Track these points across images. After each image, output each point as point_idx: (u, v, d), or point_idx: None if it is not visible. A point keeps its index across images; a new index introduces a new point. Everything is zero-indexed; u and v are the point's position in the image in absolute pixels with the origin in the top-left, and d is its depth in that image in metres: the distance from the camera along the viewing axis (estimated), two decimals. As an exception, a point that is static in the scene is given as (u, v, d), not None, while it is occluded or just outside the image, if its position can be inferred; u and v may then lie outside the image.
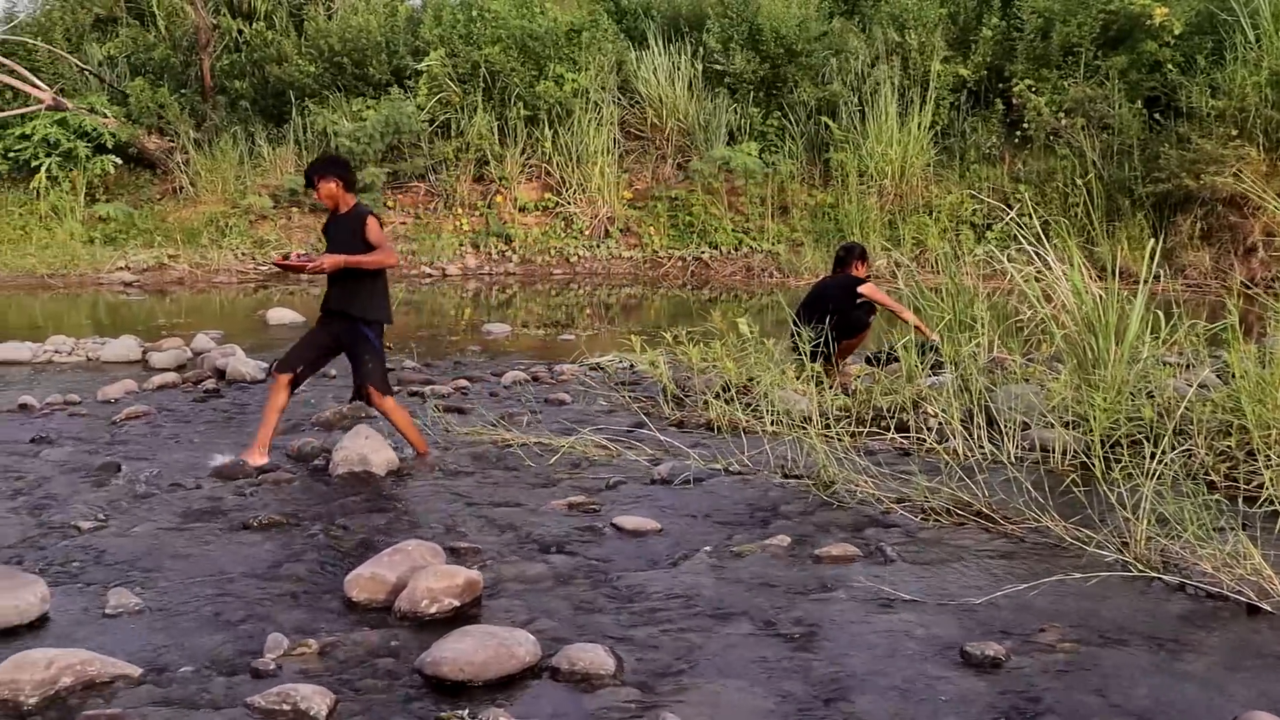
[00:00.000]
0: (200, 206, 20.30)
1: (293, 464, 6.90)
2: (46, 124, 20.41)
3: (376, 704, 3.73)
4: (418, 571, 4.53)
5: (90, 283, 18.38)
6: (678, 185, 19.30)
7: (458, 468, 6.74)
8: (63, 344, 11.54)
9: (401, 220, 19.85)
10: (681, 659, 4.05)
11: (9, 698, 3.74)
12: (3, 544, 5.47)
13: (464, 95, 19.89)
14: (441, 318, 14.28)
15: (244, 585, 4.84)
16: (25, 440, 7.73)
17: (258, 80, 21.51)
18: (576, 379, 9.37)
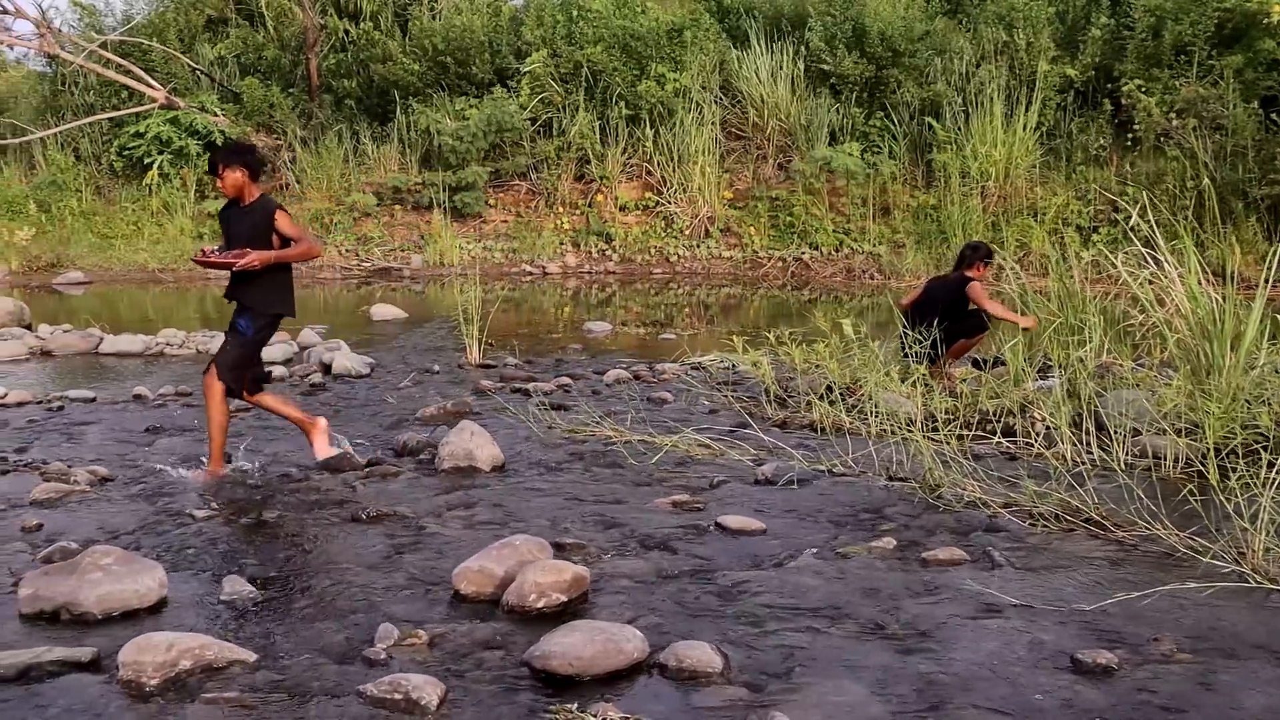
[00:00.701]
0: (306, 203, 20.62)
1: (398, 459, 6.99)
2: (159, 122, 20.87)
3: (485, 695, 3.77)
4: (525, 566, 4.56)
5: (199, 278, 18.75)
6: (779, 185, 19.24)
7: (561, 465, 6.78)
8: (174, 337, 11.81)
9: (503, 218, 20.00)
10: (788, 659, 4.03)
11: (132, 678, 3.84)
12: (122, 530, 5.61)
13: (566, 95, 20.00)
14: (542, 316, 14.38)
15: (354, 575, 4.92)
16: (140, 430, 7.94)
17: (363, 79, 21.80)
18: (678, 378, 9.38)
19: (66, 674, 3.95)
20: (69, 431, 7.96)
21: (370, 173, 20.76)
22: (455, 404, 8.26)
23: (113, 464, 6.94)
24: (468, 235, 19.62)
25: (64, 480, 6.47)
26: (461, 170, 19.51)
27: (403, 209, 20.24)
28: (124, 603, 4.49)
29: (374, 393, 9.06)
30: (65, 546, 5.24)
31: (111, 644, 4.16)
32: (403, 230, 19.89)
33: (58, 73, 23.66)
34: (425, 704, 3.63)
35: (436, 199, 19.53)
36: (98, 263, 19.50)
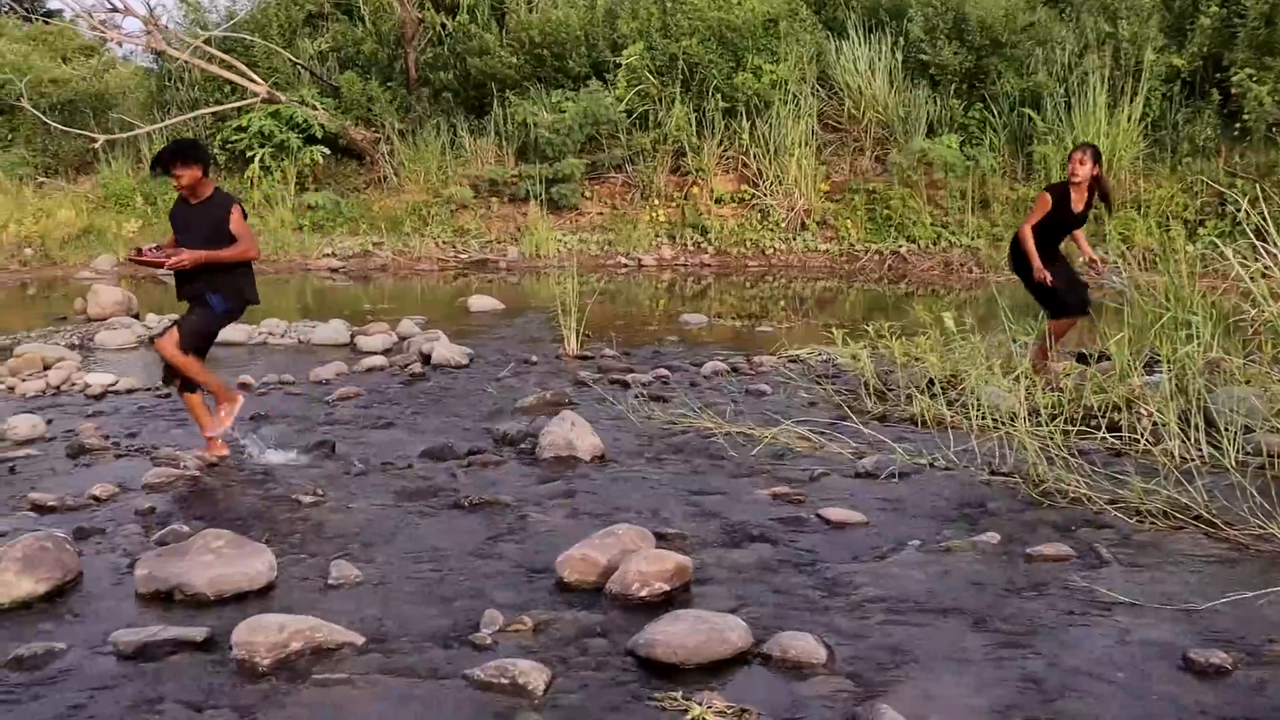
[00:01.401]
0: (403, 196, 20.83)
1: (499, 448, 7.04)
2: (261, 116, 21.21)
3: (590, 682, 3.79)
4: (628, 555, 4.58)
5: (299, 268, 19.04)
6: (876, 178, 19.06)
7: (661, 455, 6.79)
8: (276, 327, 12.01)
9: (599, 211, 20.05)
10: (892, 652, 4.01)
11: (245, 658, 3.92)
12: (232, 514, 5.73)
13: (662, 87, 19.98)
14: (637, 308, 14.40)
15: (458, 562, 4.97)
16: (246, 417, 8.06)
17: (460, 72, 21.95)
18: (776, 370, 9.34)
19: (181, 652, 4.05)
20: (177, 418, 8.12)
21: (467, 165, 20.90)
22: (554, 394, 8.30)
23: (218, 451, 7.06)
24: (563, 227, 19.70)
25: (174, 465, 6.61)
26: (558, 163, 19.58)
27: (499, 201, 20.37)
28: (234, 585, 4.59)
29: (473, 383, 9.14)
30: (177, 529, 5.36)
31: (223, 625, 4.25)
32: (499, 222, 20.02)
33: (164, 69, 24.12)
34: (532, 689, 3.67)
35: (533, 191, 19.63)
36: (201, 254, 19.82)
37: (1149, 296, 8.36)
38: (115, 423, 7.98)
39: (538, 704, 3.62)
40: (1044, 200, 8.61)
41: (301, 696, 3.71)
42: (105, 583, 4.85)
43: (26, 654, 4.04)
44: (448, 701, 3.66)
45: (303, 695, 3.72)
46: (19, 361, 9.96)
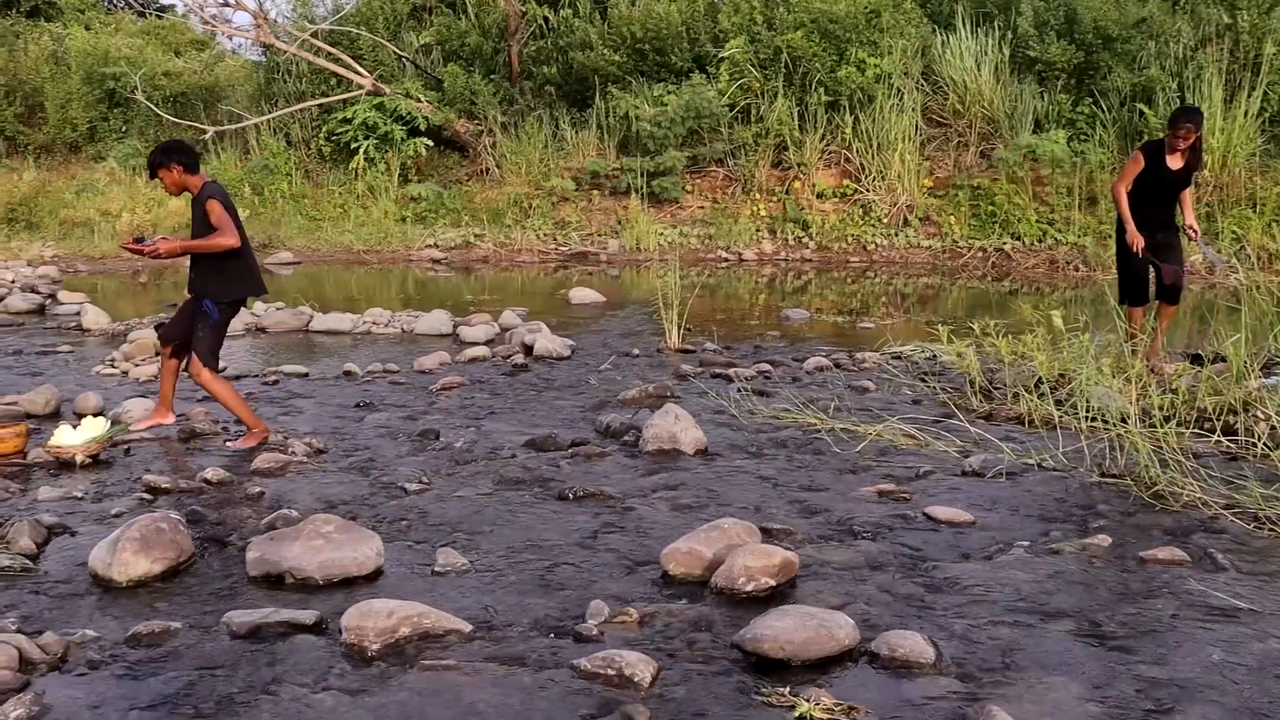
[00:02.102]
0: (505, 188, 20.96)
1: (602, 439, 7.05)
2: (366, 108, 21.45)
3: (696, 675, 3.78)
4: (734, 549, 4.57)
5: (401, 259, 19.24)
6: (980, 174, 18.78)
7: (764, 450, 6.76)
8: (380, 316, 12.14)
9: (699, 204, 20.02)
10: (1002, 653, 3.96)
11: (354, 642, 3.97)
12: (338, 500, 5.80)
13: (765, 81, 19.88)
14: (737, 302, 14.35)
15: (563, 552, 4.99)
16: (351, 405, 8.19)
17: (562, 66, 22.04)
18: (879, 367, 9.25)
19: (292, 635, 4.11)
20: (284, 404, 8.26)
21: (569, 158, 20.97)
22: (656, 387, 8.30)
23: (326, 437, 7.17)
24: (664, 221, 19.69)
25: (283, 451, 6.71)
26: (659, 156, 19.57)
27: (600, 194, 20.41)
28: (343, 570, 4.65)
29: (575, 375, 9.16)
30: (287, 514, 5.44)
31: (332, 608, 4.31)
32: (600, 215, 20.07)
33: (272, 62, 24.51)
34: (638, 680, 3.67)
35: (634, 184, 19.64)
36: (306, 244, 20.15)
37: (1266, 296, 8.16)
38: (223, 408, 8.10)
39: (644, 696, 3.62)
40: (1136, 158, 8.63)
41: (409, 681, 3.75)
42: (217, 564, 4.95)
43: (145, 631, 4.13)
44: (554, 691, 3.67)
45: (411, 680, 3.75)
46: (133, 347, 10.19)
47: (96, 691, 3.74)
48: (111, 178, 22.68)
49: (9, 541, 5.13)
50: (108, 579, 4.68)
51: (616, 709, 3.52)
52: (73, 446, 6.68)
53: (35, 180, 22.62)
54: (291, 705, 3.60)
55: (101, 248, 19.85)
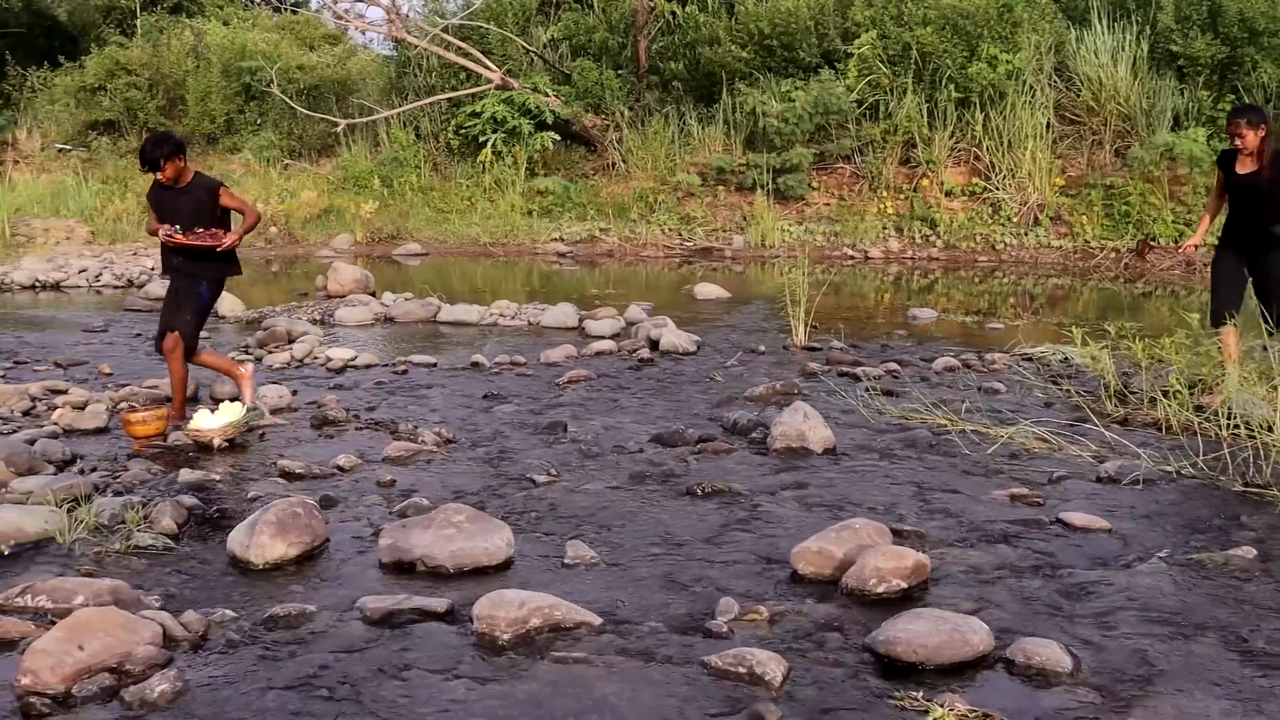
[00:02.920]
0: (631, 183, 21.02)
1: (729, 436, 7.03)
2: (494, 103, 21.67)
3: (826, 676, 3.74)
4: (865, 550, 4.51)
5: (527, 252, 19.42)
6: (1114, 173, 18.35)
7: (893, 450, 6.67)
8: (506, 308, 12.25)
9: (825, 201, 19.87)
10: (1142, 665, 3.85)
11: (486, 631, 4.00)
12: (467, 490, 5.86)
13: (894, 77, 19.67)
14: (863, 300, 14.22)
15: (691, 548, 4.98)
16: (479, 396, 8.27)
17: (689, 61, 22.03)
18: (1009, 369, 9.09)
19: (424, 622, 4.16)
20: (413, 394, 8.36)
21: (695, 153, 20.96)
22: (783, 384, 8.25)
23: (455, 427, 7.24)
24: (789, 217, 19.58)
25: (413, 440, 6.80)
26: (786, 152, 19.47)
27: (726, 190, 20.37)
28: (474, 559, 4.69)
29: (701, 370, 9.15)
30: (418, 503, 5.51)
31: (463, 597, 4.35)
32: (725, 211, 20.03)
33: (403, 56, 24.89)
34: (769, 679, 3.64)
35: (759, 180, 19.56)
36: (433, 235, 20.44)
37: None
38: (355, 396, 8.25)
39: (775, 695, 3.59)
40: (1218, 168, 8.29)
41: (540, 672, 3.76)
42: (350, 550, 5.02)
43: (281, 613, 4.21)
44: (684, 687, 3.66)
45: (541, 671, 3.77)
46: (266, 335, 10.41)
47: (235, 670, 3.81)
48: (247, 169, 23.24)
49: (152, 521, 5.26)
50: (245, 561, 4.79)
51: (747, 707, 3.50)
52: (210, 430, 6.85)
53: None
54: (423, 691, 3.64)
55: (236, 237, 20.30)
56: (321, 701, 3.59)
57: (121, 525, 5.23)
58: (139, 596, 4.40)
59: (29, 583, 4.49)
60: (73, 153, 25.01)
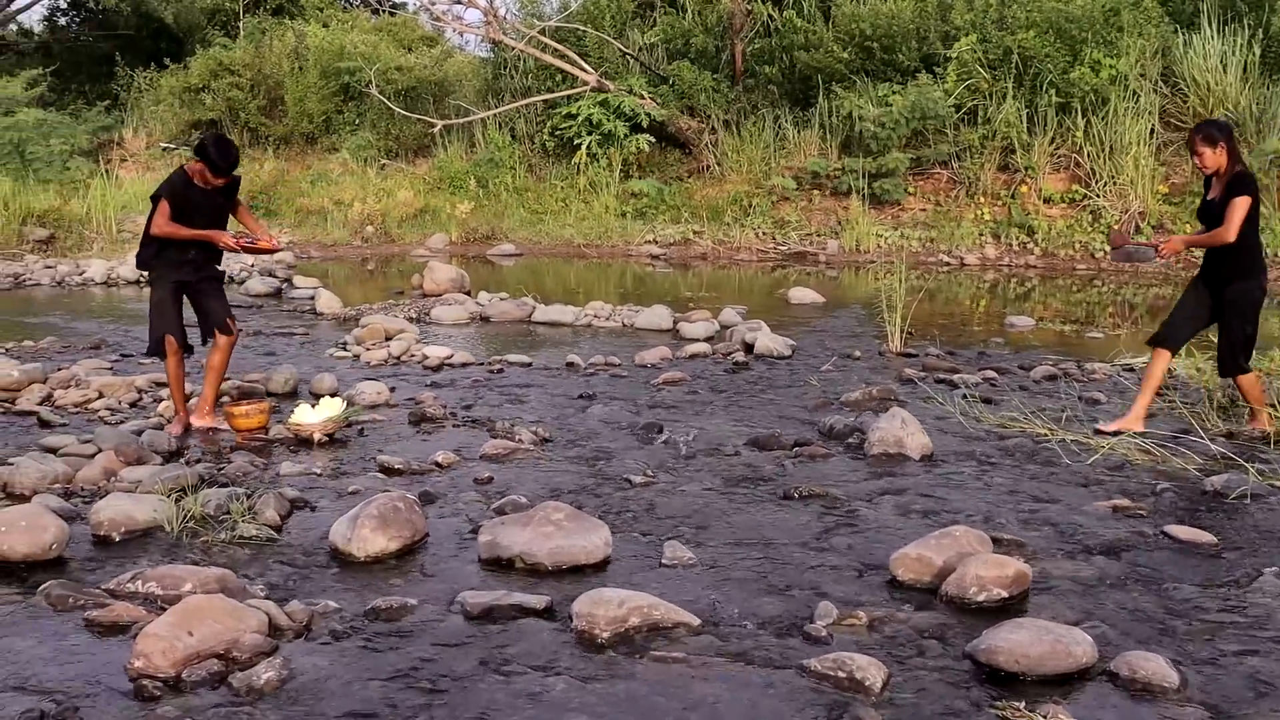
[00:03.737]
0: (725, 186, 20.97)
1: (825, 440, 6.99)
2: (590, 105, 21.73)
3: (927, 683, 3.71)
4: (966, 558, 4.47)
5: (620, 253, 19.46)
6: (1220, 181, 17.92)
7: (991, 458, 6.60)
8: (601, 309, 12.28)
9: (921, 207, 19.68)
10: (1252, 684, 3.77)
11: (585, 629, 4.02)
12: (564, 489, 5.89)
13: (994, 81, 19.43)
14: (958, 307, 14.07)
15: (788, 551, 4.97)
16: (574, 396, 8.30)
17: (785, 65, 21.93)
18: (1110, 378, 8.94)
19: (523, 618, 4.19)
20: (509, 393, 8.42)
21: (790, 157, 20.85)
22: (880, 390, 8.19)
23: (551, 426, 7.28)
24: (884, 222, 19.40)
25: (510, 438, 6.85)
26: (882, 157, 19.30)
27: (820, 194, 20.24)
28: (572, 558, 4.71)
29: (796, 374, 9.11)
30: (515, 500, 5.55)
31: (561, 595, 4.38)
32: (820, 215, 19.91)
33: (499, 57, 25.06)
34: (869, 685, 3.62)
35: (855, 185, 19.40)
36: (527, 236, 20.55)
37: None
38: (451, 394, 8.33)
39: (875, 701, 3.57)
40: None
41: (639, 671, 3.77)
42: (449, 545, 5.08)
43: (383, 606, 4.27)
44: (783, 689, 3.65)
45: (640, 670, 3.78)
46: (364, 332, 10.54)
47: (339, 661, 3.87)
48: (344, 168, 23.54)
49: (256, 512, 5.36)
50: (346, 553, 4.86)
51: (846, 712, 3.48)
52: (311, 425, 6.96)
53: (274, 170, 23.66)
54: (523, 687, 3.67)
55: (333, 235, 20.66)
56: (424, 694, 3.64)
57: (226, 516, 5.34)
58: (245, 585, 4.48)
59: (139, 569, 4.60)
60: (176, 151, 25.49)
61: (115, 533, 5.18)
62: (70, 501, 5.67)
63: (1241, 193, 6.80)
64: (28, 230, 18.54)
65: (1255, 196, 6.88)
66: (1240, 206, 6.78)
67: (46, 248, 18.64)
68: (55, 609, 4.34)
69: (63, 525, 4.97)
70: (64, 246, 18.87)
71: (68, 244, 18.99)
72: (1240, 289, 7.08)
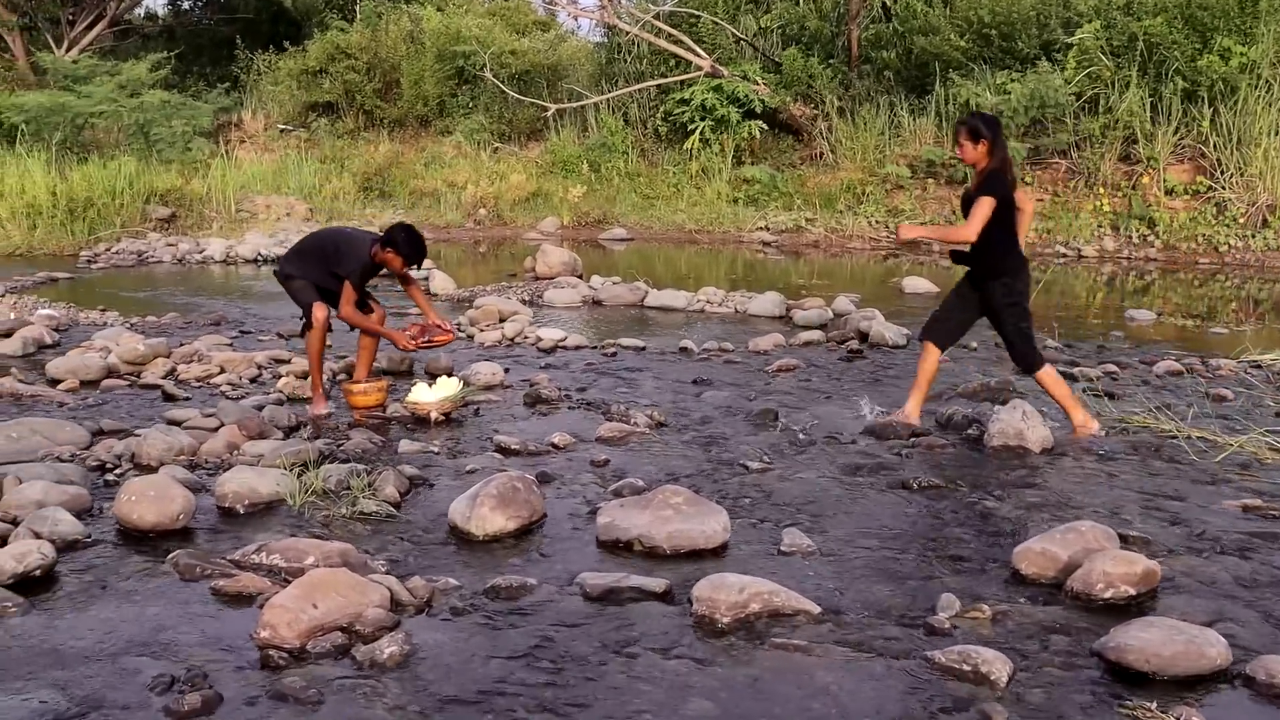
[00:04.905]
0: (838, 173, 20.79)
1: (942, 431, 6.90)
2: (704, 90, 21.66)
3: (1053, 679, 3.65)
4: (1093, 554, 4.38)
5: (731, 240, 19.38)
6: (1357, 174, 17.36)
7: (1114, 453, 6.45)
8: (714, 295, 12.24)
9: (1038, 197, 19.29)
10: (1395, 692, 3.64)
11: (705, 614, 4.01)
12: (680, 473, 5.89)
13: (1116, 69, 19.00)
14: (1074, 300, 13.78)
15: (907, 542, 4.91)
16: (688, 381, 8.28)
17: (902, 51, 21.68)
18: (1236, 375, 8.70)
19: (642, 601, 4.19)
20: (622, 376, 8.43)
21: (905, 145, 20.59)
22: (997, 382, 8.06)
23: (665, 410, 7.27)
24: (999, 212, 19.05)
25: (625, 421, 6.85)
26: (1000, 146, 18.98)
27: (935, 183, 19.96)
28: (691, 542, 4.71)
29: (911, 364, 8.96)
30: (633, 483, 5.55)
31: (679, 579, 4.37)
32: (934, 204, 19.63)
33: (613, 42, 25.08)
34: (995, 679, 3.57)
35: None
36: (639, 221, 20.55)
37: None
38: (565, 377, 8.36)
39: (1001, 695, 3.52)
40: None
41: (759, 657, 3.76)
42: (565, 526, 5.10)
43: (503, 584, 4.30)
44: (905, 680, 3.61)
45: (760, 656, 3.76)
46: (479, 313, 10.63)
47: (460, 638, 3.90)
48: (458, 151, 23.74)
49: (375, 489, 5.42)
50: (465, 531, 4.90)
51: (973, 706, 3.43)
52: (428, 404, 7.03)
53: (389, 152, 23.91)
54: (644, 669, 3.67)
55: (446, 217, 20.84)
56: (545, 674, 3.65)
57: (347, 491, 5.42)
58: (366, 560, 4.54)
59: (263, 541, 4.68)
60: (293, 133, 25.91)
61: (239, 505, 5.28)
62: (195, 473, 5.78)
63: (988, 193, 6.59)
64: (151, 209, 18.93)
65: (1004, 197, 6.63)
66: (983, 206, 6.55)
67: (168, 226, 19.04)
68: (183, 577, 4.44)
69: (189, 496, 5.08)
70: (185, 225, 19.27)
71: (188, 222, 19.38)
72: (992, 289, 6.91)
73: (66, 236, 17.18)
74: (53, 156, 19.52)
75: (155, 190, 19.39)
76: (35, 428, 6.32)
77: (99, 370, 8.22)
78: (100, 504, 5.34)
